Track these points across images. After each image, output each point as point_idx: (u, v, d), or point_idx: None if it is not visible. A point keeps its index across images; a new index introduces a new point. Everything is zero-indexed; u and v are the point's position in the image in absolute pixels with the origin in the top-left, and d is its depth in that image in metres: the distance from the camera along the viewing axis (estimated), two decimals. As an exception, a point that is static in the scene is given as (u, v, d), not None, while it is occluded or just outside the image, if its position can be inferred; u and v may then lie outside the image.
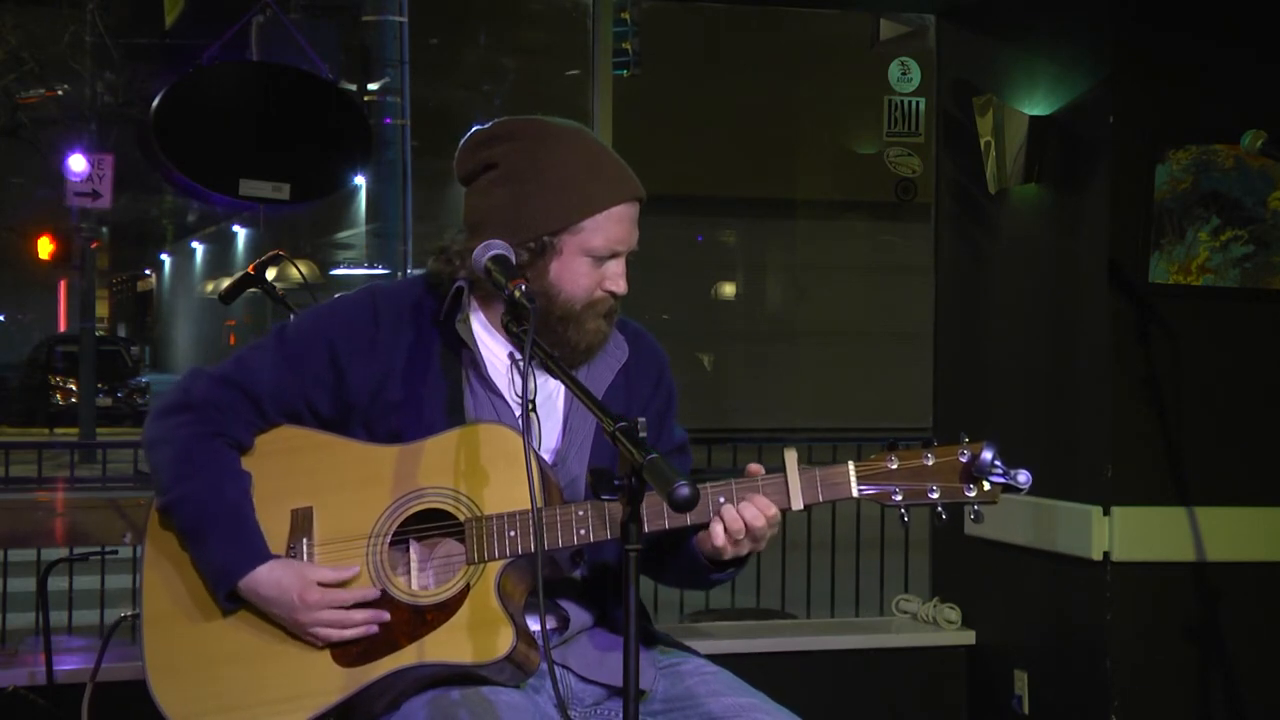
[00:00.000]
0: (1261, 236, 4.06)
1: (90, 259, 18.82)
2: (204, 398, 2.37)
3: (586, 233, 2.32)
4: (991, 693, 4.54)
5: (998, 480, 2.20)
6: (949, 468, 2.22)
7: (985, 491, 2.21)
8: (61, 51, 15.11)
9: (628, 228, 2.36)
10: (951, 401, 4.83)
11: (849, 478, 2.23)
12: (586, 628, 2.40)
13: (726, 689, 2.35)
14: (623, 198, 2.35)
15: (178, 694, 2.31)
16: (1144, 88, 4.07)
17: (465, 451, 2.28)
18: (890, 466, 2.22)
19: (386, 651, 2.26)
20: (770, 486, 2.23)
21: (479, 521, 2.26)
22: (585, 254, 2.33)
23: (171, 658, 2.33)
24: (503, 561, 2.24)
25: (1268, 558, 4.10)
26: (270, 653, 2.30)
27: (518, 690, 2.27)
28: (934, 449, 2.23)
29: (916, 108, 4.97)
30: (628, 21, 7.54)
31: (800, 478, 2.22)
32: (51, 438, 20.09)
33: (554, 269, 2.33)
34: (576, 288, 2.33)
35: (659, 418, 2.50)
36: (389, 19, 8.72)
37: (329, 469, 2.34)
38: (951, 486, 2.21)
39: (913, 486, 2.22)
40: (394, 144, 8.64)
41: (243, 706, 2.28)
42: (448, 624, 2.24)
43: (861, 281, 19.39)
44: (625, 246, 2.36)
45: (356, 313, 2.40)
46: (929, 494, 2.21)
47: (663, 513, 2.22)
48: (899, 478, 2.22)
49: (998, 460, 2.19)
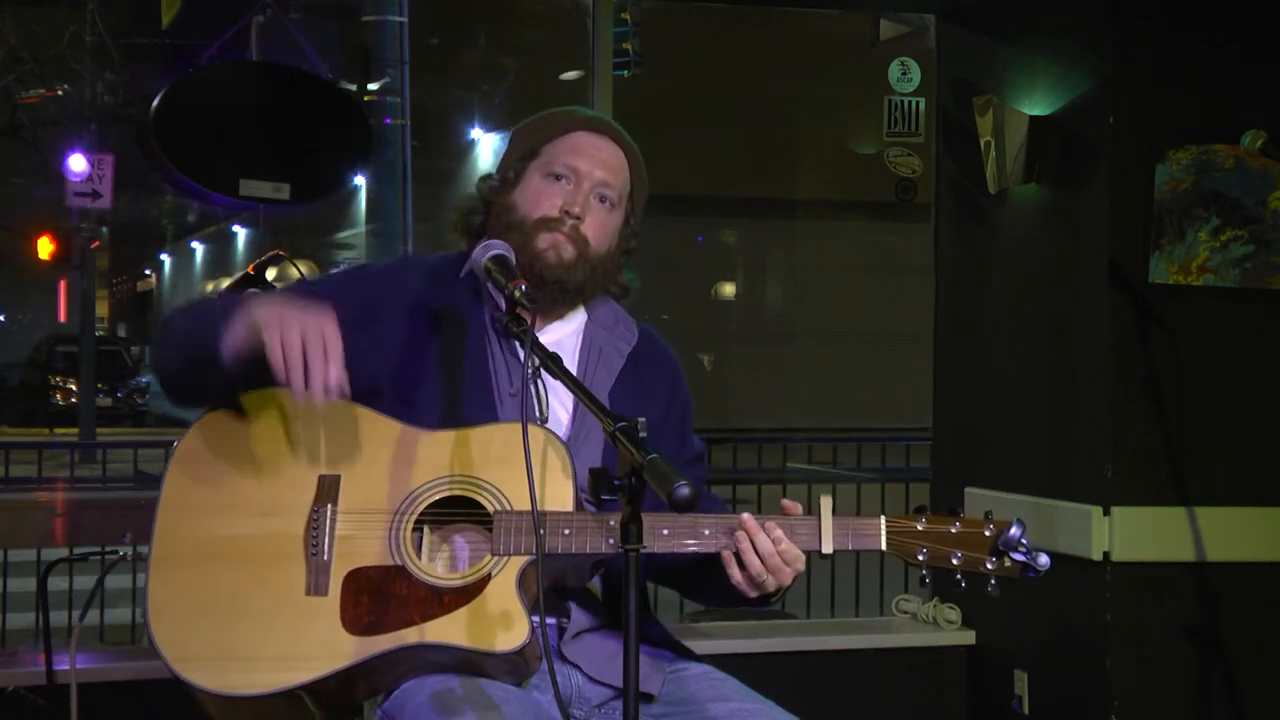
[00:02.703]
0: (1261, 236, 4.06)
1: (90, 259, 18.82)
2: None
3: (543, 157, 2.48)
4: (991, 693, 4.54)
5: (1019, 558, 2.27)
6: (974, 538, 2.29)
7: (1005, 567, 2.28)
8: (61, 51, 15.11)
9: (587, 155, 2.47)
10: (951, 401, 4.83)
11: (880, 530, 2.29)
12: (588, 628, 2.40)
13: (733, 694, 2.35)
14: (577, 126, 2.50)
15: (176, 635, 2.28)
16: (1144, 88, 4.07)
17: (501, 446, 2.30)
18: (919, 528, 2.30)
19: (397, 626, 2.24)
20: (801, 526, 2.29)
21: (508, 515, 2.26)
22: (542, 175, 2.47)
23: (175, 599, 2.30)
24: (527, 557, 2.25)
25: (1268, 558, 4.10)
26: (277, 610, 2.28)
27: (518, 687, 2.27)
28: (962, 519, 2.30)
29: (916, 108, 4.97)
30: (628, 21, 7.53)
31: (834, 523, 2.29)
32: (51, 438, 20.13)
33: (516, 191, 2.48)
34: (530, 204, 2.44)
35: (679, 424, 2.55)
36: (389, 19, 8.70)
37: (363, 441, 2.34)
38: (974, 556, 2.29)
39: (937, 549, 2.29)
40: (394, 144, 8.62)
41: (241, 658, 2.26)
42: (464, 609, 2.24)
43: (861, 281, 19.41)
44: (584, 171, 2.46)
45: (391, 277, 2.48)
46: (952, 559, 2.29)
47: (691, 536, 2.26)
48: (926, 539, 2.29)
49: (1024, 539, 2.26)
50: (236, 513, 2.35)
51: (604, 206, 2.47)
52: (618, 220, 2.51)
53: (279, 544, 2.32)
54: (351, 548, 2.30)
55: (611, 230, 2.49)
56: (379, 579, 2.28)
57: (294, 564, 2.31)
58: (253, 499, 2.35)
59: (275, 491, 2.34)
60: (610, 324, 2.54)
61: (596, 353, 2.50)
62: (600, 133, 2.51)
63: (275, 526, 2.33)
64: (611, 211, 2.49)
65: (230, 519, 2.34)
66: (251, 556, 2.32)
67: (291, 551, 2.31)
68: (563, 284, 2.43)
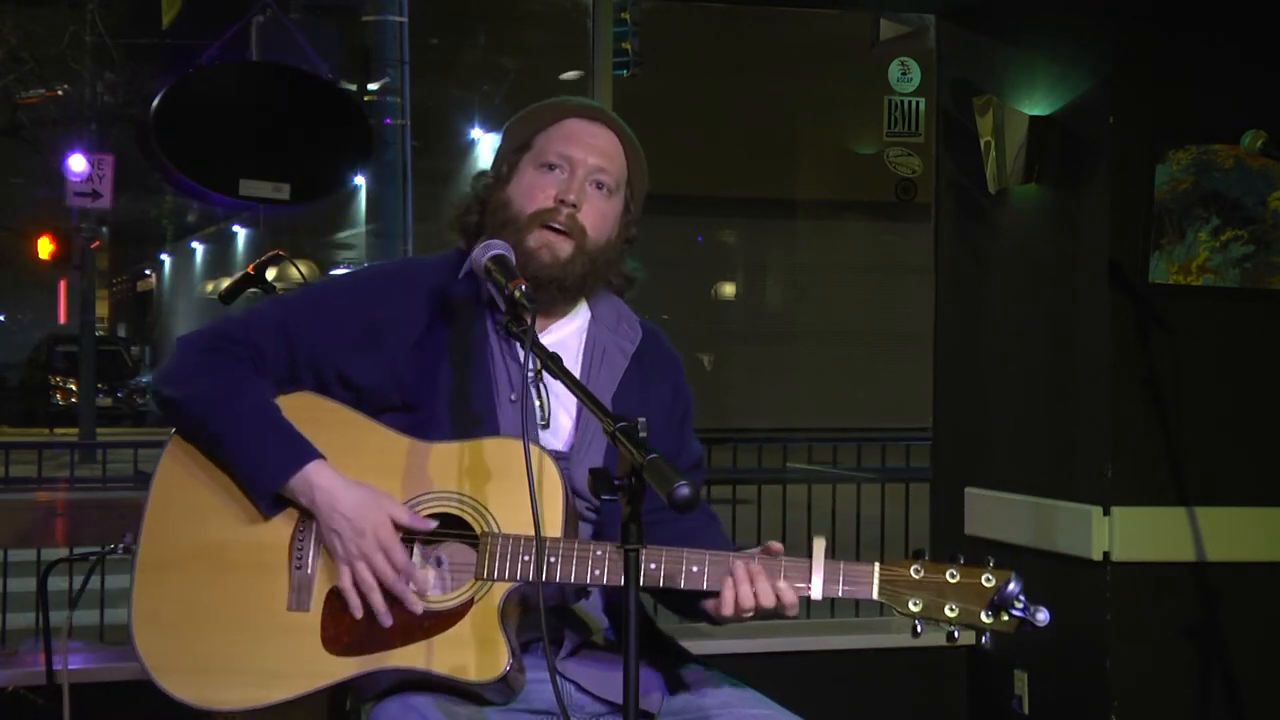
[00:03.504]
0: (1261, 236, 4.06)
1: (90, 259, 18.83)
2: (240, 336, 2.35)
3: (536, 149, 2.44)
4: (991, 693, 4.54)
5: (1017, 614, 2.18)
6: (971, 590, 2.20)
7: (1003, 622, 2.19)
8: (61, 51, 15.12)
9: (580, 142, 2.43)
10: (951, 401, 4.82)
11: (872, 579, 2.22)
12: (585, 641, 2.38)
13: (738, 701, 2.32)
14: (568, 114, 2.46)
15: (157, 643, 2.27)
16: (1144, 88, 4.07)
17: (493, 462, 2.26)
18: (914, 576, 2.22)
19: (378, 647, 2.22)
20: (792, 570, 2.22)
21: (495, 538, 2.23)
22: (535, 166, 2.42)
23: (159, 606, 2.28)
24: (510, 584, 2.22)
25: (1268, 558, 4.10)
26: (258, 623, 2.26)
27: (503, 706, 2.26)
28: (960, 567, 2.21)
29: (916, 108, 4.97)
30: (628, 21, 7.53)
31: (824, 568, 2.23)
32: (51, 438, 20.14)
33: (511, 185, 2.43)
34: (524, 197, 2.40)
35: (679, 425, 2.51)
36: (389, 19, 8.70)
37: (350, 450, 2.30)
38: (970, 609, 2.19)
39: (932, 600, 2.20)
40: (394, 144, 8.63)
41: (220, 670, 2.24)
42: (446, 634, 2.21)
43: (861, 281, 19.41)
44: (578, 158, 2.41)
45: (394, 280, 2.44)
46: (947, 610, 2.20)
47: (680, 574, 2.22)
48: (921, 589, 2.21)
49: (1021, 594, 2.17)
50: (224, 517, 2.31)
51: (601, 193, 2.42)
52: (616, 207, 2.45)
53: (263, 554, 2.29)
54: (335, 564, 2.27)
55: (610, 218, 2.44)
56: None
57: (277, 576, 2.28)
58: (241, 503, 2.31)
59: None
60: (613, 323, 2.50)
61: (600, 353, 2.46)
62: (593, 119, 2.46)
63: (261, 535, 2.30)
64: (610, 198, 2.43)
65: (218, 524, 2.31)
66: (236, 565, 2.29)
67: (275, 563, 2.28)
68: (560, 282, 2.38)
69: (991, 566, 2.21)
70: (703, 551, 2.23)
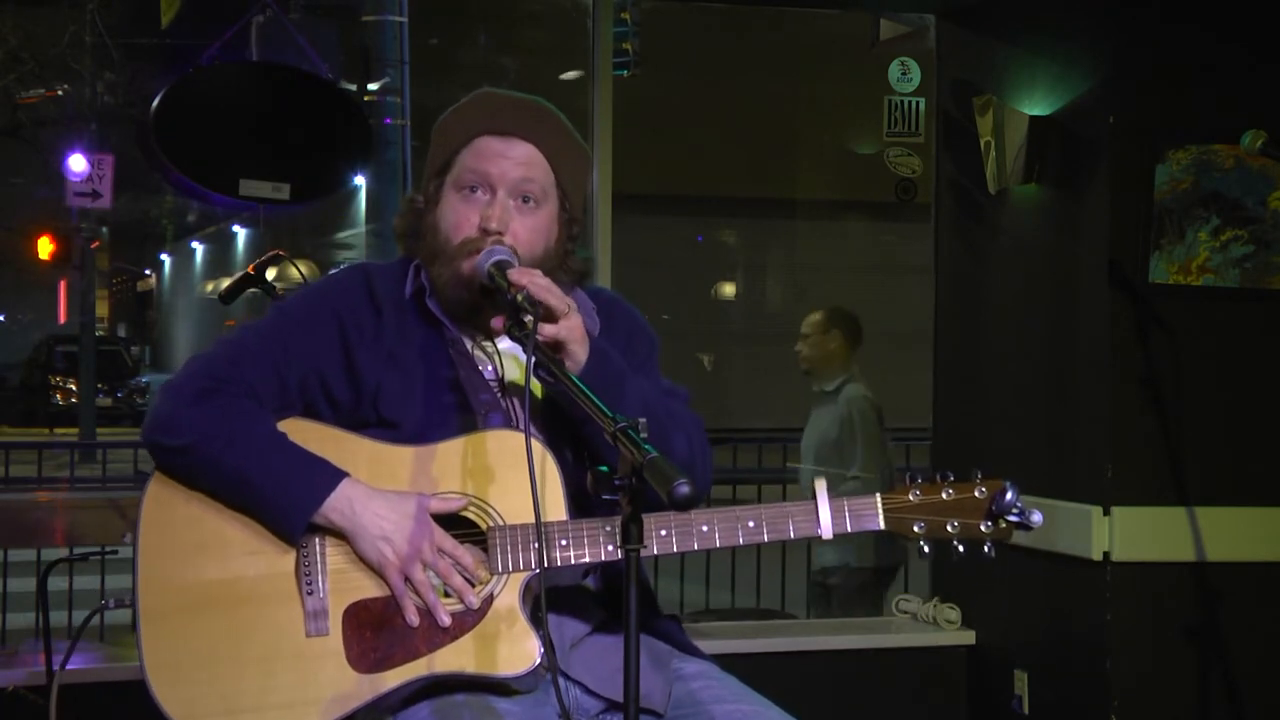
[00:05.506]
0: (1261, 236, 4.06)
1: (90, 259, 18.84)
2: (229, 374, 2.31)
3: (455, 171, 2.37)
4: (991, 693, 4.54)
5: (1013, 520, 2.29)
6: (969, 504, 2.31)
7: (1000, 529, 2.30)
8: (61, 51, 15.14)
9: (495, 159, 2.34)
10: (951, 401, 4.82)
11: (876, 509, 2.29)
12: (587, 632, 2.37)
13: (731, 696, 2.32)
14: (478, 131, 2.36)
15: (182, 693, 2.21)
16: (1144, 88, 4.07)
17: (484, 457, 2.25)
18: (913, 500, 2.30)
19: (404, 659, 2.20)
20: (800, 513, 2.27)
21: (503, 531, 2.23)
22: (456, 190, 2.36)
23: (174, 655, 2.23)
24: (527, 573, 2.21)
25: (1268, 558, 4.10)
26: (278, 654, 2.21)
27: (527, 696, 2.25)
28: (952, 484, 2.31)
29: (916, 108, 4.97)
30: (628, 21, 7.54)
31: (829, 506, 2.27)
32: (51, 438, 20.13)
33: (439, 211, 2.38)
34: (450, 227, 2.34)
35: (644, 362, 2.46)
36: (389, 19, 8.71)
37: (349, 465, 2.26)
38: (969, 522, 2.31)
39: (933, 519, 2.30)
40: (394, 144, 8.63)
41: (251, 709, 2.20)
42: (471, 633, 2.20)
43: (861, 281, 19.37)
44: (496, 175, 2.33)
45: (355, 293, 2.39)
46: (948, 528, 2.30)
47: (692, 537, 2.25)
48: (921, 511, 2.30)
49: (1018, 501, 2.28)
50: (221, 553, 2.25)
51: (528, 206, 2.35)
52: (549, 214, 2.38)
53: (271, 584, 2.24)
54: (346, 582, 2.24)
55: (543, 228, 2.36)
56: (380, 611, 2.23)
57: (289, 605, 2.23)
58: (236, 536, 2.25)
59: (259, 527, 2.25)
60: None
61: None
62: (505, 134, 2.37)
63: (264, 566, 2.25)
64: (538, 208, 2.36)
65: (216, 561, 2.25)
66: (244, 601, 2.23)
67: (285, 591, 2.24)
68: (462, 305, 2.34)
69: (980, 479, 2.32)
70: (709, 510, 2.26)
